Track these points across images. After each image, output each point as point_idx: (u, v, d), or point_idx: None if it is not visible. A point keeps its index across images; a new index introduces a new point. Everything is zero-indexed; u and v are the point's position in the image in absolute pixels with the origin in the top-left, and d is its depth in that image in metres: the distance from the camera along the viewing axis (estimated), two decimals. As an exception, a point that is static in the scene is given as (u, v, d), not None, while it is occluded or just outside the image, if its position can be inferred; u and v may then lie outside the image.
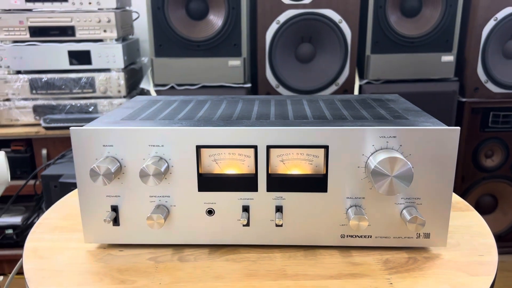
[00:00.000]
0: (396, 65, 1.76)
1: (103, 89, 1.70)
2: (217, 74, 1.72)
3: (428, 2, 1.72)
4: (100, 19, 1.64)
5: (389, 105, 0.76)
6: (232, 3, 1.64)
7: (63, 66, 1.68)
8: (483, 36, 1.72)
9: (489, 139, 1.86)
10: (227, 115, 0.70)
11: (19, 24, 1.64)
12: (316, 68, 1.78)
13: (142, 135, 0.62)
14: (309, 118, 0.67)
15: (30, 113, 1.71)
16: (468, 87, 1.78)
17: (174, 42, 1.66)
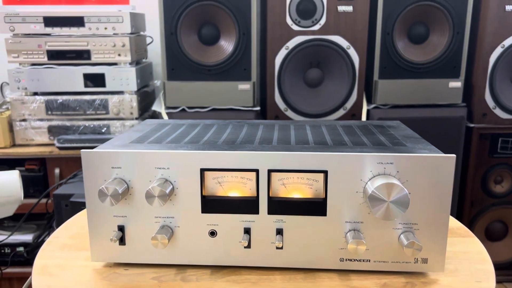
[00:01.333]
0: (404, 90, 1.78)
1: (116, 111, 1.74)
2: (227, 98, 1.76)
3: (436, 29, 1.75)
4: (115, 43, 1.70)
5: (389, 131, 0.78)
6: (242, 29, 1.69)
7: (78, 88, 1.74)
8: (491, 62, 1.74)
9: (498, 165, 1.85)
10: (231, 139, 0.73)
11: (37, 47, 1.71)
12: (324, 93, 1.80)
13: (149, 158, 0.65)
14: (310, 143, 0.70)
15: (45, 133, 1.77)
16: (476, 113, 1.79)
17: (186, 66, 1.71)
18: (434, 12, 1.71)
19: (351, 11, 1.69)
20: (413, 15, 1.73)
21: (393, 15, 1.71)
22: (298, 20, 1.69)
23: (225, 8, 1.66)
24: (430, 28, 1.76)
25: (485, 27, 1.71)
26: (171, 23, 1.66)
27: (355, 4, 1.68)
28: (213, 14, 1.68)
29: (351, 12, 1.69)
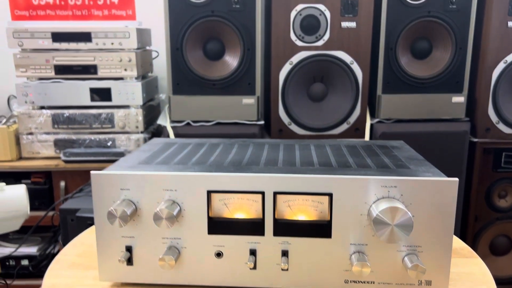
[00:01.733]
0: (407, 105, 1.79)
1: (122, 124, 1.76)
2: (231, 112, 1.78)
3: (438, 44, 1.77)
4: (121, 58, 1.73)
5: (393, 152, 0.79)
6: (247, 45, 1.71)
7: (84, 102, 1.76)
8: (493, 78, 1.75)
9: (502, 179, 1.85)
10: (237, 160, 0.74)
11: (45, 62, 1.73)
12: (328, 107, 1.82)
13: (156, 180, 0.66)
14: (315, 165, 0.71)
15: (51, 147, 1.78)
16: (480, 127, 1.80)
17: (191, 81, 1.73)
18: (437, 28, 1.73)
19: (354, 27, 1.71)
20: (416, 31, 1.75)
21: (396, 31, 1.72)
22: (302, 36, 1.71)
23: (230, 24, 1.68)
24: (433, 43, 1.78)
25: (487, 43, 1.73)
26: (177, 38, 1.68)
27: (359, 20, 1.70)
28: (218, 30, 1.71)
29: (354, 28, 1.71)
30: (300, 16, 1.69)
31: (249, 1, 1.67)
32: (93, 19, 2.00)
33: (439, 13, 1.71)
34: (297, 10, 1.69)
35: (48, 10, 2.00)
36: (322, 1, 1.68)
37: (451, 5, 1.70)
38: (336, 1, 1.68)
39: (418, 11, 1.71)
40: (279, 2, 1.68)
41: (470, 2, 1.70)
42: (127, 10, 2.02)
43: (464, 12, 1.71)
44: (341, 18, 1.70)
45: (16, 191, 1.34)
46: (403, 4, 1.70)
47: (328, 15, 1.69)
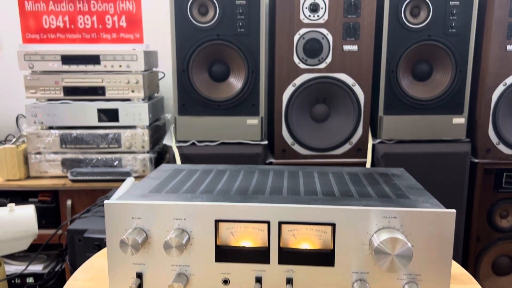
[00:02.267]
0: (409, 126, 1.83)
1: (128, 144, 1.80)
2: (236, 132, 1.81)
3: (439, 67, 1.81)
4: (129, 80, 1.77)
5: (394, 181, 0.82)
6: (251, 67, 1.75)
7: (92, 123, 1.80)
8: (493, 100, 1.78)
9: (504, 199, 1.87)
10: (244, 189, 0.77)
11: (54, 84, 1.78)
12: (330, 128, 1.85)
13: (167, 209, 0.69)
14: (318, 194, 0.74)
15: (58, 166, 1.82)
16: (480, 148, 1.83)
17: (196, 102, 1.77)
18: (437, 51, 1.77)
19: (356, 50, 1.75)
20: (416, 54, 1.79)
21: (397, 54, 1.76)
22: (305, 59, 1.76)
23: (235, 47, 1.73)
24: (434, 66, 1.82)
25: (487, 66, 1.76)
26: (183, 61, 1.73)
27: (360, 43, 1.75)
28: (224, 52, 1.75)
29: (356, 51, 1.75)
30: (303, 39, 1.74)
31: (253, 25, 1.72)
32: (102, 42, 2.05)
33: (439, 37, 1.75)
34: (300, 34, 1.73)
35: (59, 34, 2.06)
36: (324, 25, 1.73)
37: (450, 29, 1.75)
38: (338, 25, 1.73)
39: (418, 34, 1.75)
40: (282, 26, 1.73)
41: (469, 26, 1.75)
42: (135, 34, 2.08)
43: (464, 35, 1.76)
44: (343, 41, 1.74)
45: (25, 211, 1.37)
46: (404, 28, 1.75)
47: (330, 39, 1.74)
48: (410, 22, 1.75)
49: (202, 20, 1.71)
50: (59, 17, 2.05)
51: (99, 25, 2.07)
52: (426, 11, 1.74)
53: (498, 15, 1.72)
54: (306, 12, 1.71)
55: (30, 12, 2.04)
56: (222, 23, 1.71)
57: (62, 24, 2.04)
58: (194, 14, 1.70)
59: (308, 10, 1.71)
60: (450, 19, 1.74)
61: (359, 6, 1.71)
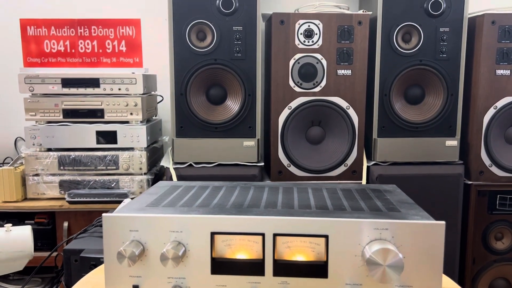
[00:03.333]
0: (402, 148, 1.85)
1: (126, 166, 1.82)
2: (232, 153, 1.83)
3: (431, 91, 1.85)
4: (127, 103, 1.81)
5: (386, 196, 0.84)
6: (248, 91, 1.79)
7: (90, 145, 1.83)
8: (485, 123, 1.82)
9: (498, 221, 1.88)
10: (239, 203, 0.79)
11: (54, 106, 1.81)
12: (325, 149, 1.88)
13: (163, 222, 0.70)
14: (312, 208, 0.75)
15: (56, 188, 1.83)
16: (473, 170, 1.85)
17: (194, 124, 1.80)
18: (429, 75, 1.82)
19: (350, 74, 1.80)
20: (409, 78, 1.83)
21: (390, 78, 1.81)
22: (300, 83, 1.80)
23: (232, 71, 1.77)
24: (426, 90, 1.86)
25: (477, 90, 1.81)
26: (181, 84, 1.77)
27: (354, 68, 1.80)
28: (221, 76, 1.79)
29: (350, 75, 1.80)
30: (298, 64, 1.79)
31: (250, 50, 1.77)
32: (101, 66, 2.10)
33: (430, 62, 1.80)
34: (295, 58, 1.78)
35: (59, 57, 2.11)
36: (319, 51, 1.78)
37: (441, 54, 1.80)
38: (332, 51, 1.78)
39: (410, 59, 1.81)
40: (278, 52, 1.78)
41: (459, 52, 1.80)
42: (135, 58, 2.13)
43: (454, 60, 1.81)
44: (337, 66, 1.79)
45: (21, 232, 1.37)
46: (396, 53, 1.80)
47: (324, 63, 1.79)
48: (402, 47, 1.80)
49: (200, 45, 1.76)
50: (60, 42, 2.10)
51: (99, 50, 2.12)
52: (417, 37, 1.80)
53: (487, 40, 1.78)
54: (301, 37, 1.77)
55: (31, 36, 2.10)
56: (220, 48, 1.76)
57: (63, 48, 2.10)
58: (192, 39, 1.76)
59: (303, 36, 1.77)
60: (441, 44, 1.80)
61: (352, 32, 1.77)
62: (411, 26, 1.79)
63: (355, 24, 1.77)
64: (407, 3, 1.78)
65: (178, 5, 1.73)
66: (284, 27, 1.76)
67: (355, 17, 1.77)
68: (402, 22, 1.79)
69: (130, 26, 2.12)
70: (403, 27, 1.79)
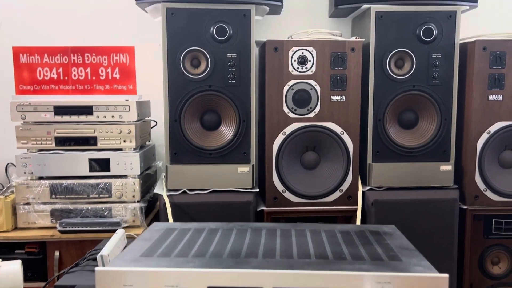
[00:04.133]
0: (397, 173, 1.85)
1: (119, 194, 1.79)
2: (227, 180, 1.82)
3: (424, 116, 1.86)
4: (121, 130, 1.79)
5: (386, 240, 0.83)
6: (243, 117, 1.78)
7: (83, 173, 1.80)
8: (478, 147, 1.82)
9: (494, 245, 1.88)
10: (236, 251, 0.77)
11: (46, 134, 1.79)
12: (320, 175, 1.87)
13: (158, 276, 0.68)
14: (311, 257, 0.74)
15: (47, 217, 1.80)
16: (468, 195, 1.85)
17: (188, 151, 1.79)
18: (422, 100, 1.83)
19: (343, 100, 1.80)
20: (402, 103, 1.84)
21: (383, 103, 1.82)
22: (294, 109, 1.80)
23: (226, 97, 1.76)
24: (419, 114, 1.87)
25: (470, 115, 1.82)
26: (175, 111, 1.76)
27: (347, 93, 1.80)
28: (215, 102, 1.79)
29: (343, 101, 1.80)
30: (292, 90, 1.78)
31: (244, 77, 1.77)
32: (95, 93, 2.08)
33: (423, 87, 1.81)
34: (289, 85, 1.78)
35: (52, 85, 2.09)
36: (312, 77, 1.78)
37: (434, 80, 1.81)
38: (326, 77, 1.78)
39: (403, 85, 1.81)
40: (272, 78, 1.78)
41: (452, 77, 1.82)
42: (128, 85, 2.12)
43: (447, 86, 1.82)
44: (331, 92, 1.79)
45: (12, 267, 1.33)
46: (389, 78, 1.81)
47: (318, 90, 1.79)
48: (395, 73, 1.81)
49: (194, 72, 1.76)
50: (53, 69, 2.09)
51: (92, 77, 2.11)
52: (410, 62, 1.81)
53: (479, 66, 1.80)
54: (294, 64, 1.77)
55: (24, 64, 2.08)
56: (214, 75, 1.75)
57: (55, 75, 2.08)
58: (186, 66, 1.75)
59: (296, 63, 1.77)
60: (433, 70, 1.81)
61: (346, 59, 1.78)
62: (404, 52, 1.80)
63: (348, 50, 1.78)
64: (399, 29, 1.79)
65: (172, 32, 1.72)
66: (278, 54, 1.77)
67: (348, 44, 1.78)
68: (395, 48, 1.80)
69: (124, 53, 2.11)
70: (396, 53, 1.80)
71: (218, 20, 1.73)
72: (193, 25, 1.73)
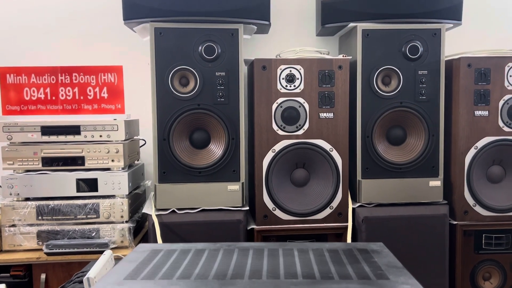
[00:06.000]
0: (387, 189, 1.85)
1: (107, 215, 1.77)
2: (216, 198, 1.81)
3: (412, 132, 1.87)
4: (109, 150, 1.78)
5: (373, 258, 0.82)
6: (232, 135, 1.78)
7: (70, 193, 1.78)
8: (466, 163, 1.84)
9: (485, 261, 1.88)
10: (222, 272, 0.76)
11: (33, 155, 1.77)
12: (310, 192, 1.86)
13: (143, 300, 0.67)
14: (298, 277, 0.73)
15: (33, 238, 1.76)
16: (458, 210, 1.86)
17: (177, 169, 1.78)
18: (410, 117, 1.84)
19: (332, 117, 1.81)
20: (390, 120, 1.85)
21: (371, 120, 1.83)
22: (283, 126, 1.80)
23: (215, 116, 1.77)
24: (407, 131, 1.88)
25: (457, 131, 1.84)
26: (164, 130, 1.75)
27: (336, 111, 1.81)
28: (204, 121, 1.79)
29: (332, 118, 1.81)
30: (281, 108, 1.79)
31: (233, 95, 1.77)
32: (82, 112, 2.07)
33: (410, 104, 1.83)
34: (278, 102, 1.79)
35: (39, 105, 2.08)
36: (301, 95, 1.79)
37: (421, 96, 1.84)
38: (314, 94, 1.80)
39: (390, 102, 1.83)
40: (261, 96, 1.79)
41: (438, 93, 1.84)
42: (117, 104, 2.12)
43: (434, 102, 1.84)
44: (319, 109, 1.80)
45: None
46: (376, 95, 1.82)
47: (307, 107, 1.80)
48: (382, 90, 1.83)
49: (183, 90, 1.76)
50: (41, 89, 2.08)
51: (80, 97, 2.10)
52: (396, 80, 1.83)
53: (464, 83, 1.82)
54: (283, 82, 1.78)
55: (11, 84, 2.07)
56: (203, 93, 1.76)
57: (43, 95, 2.07)
58: (175, 85, 1.75)
59: (285, 81, 1.78)
60: (420, 87, 1.83)
61: (333, 76, 1.79)
62: (390, 70, 1.83)
63: (336, 68, 1.80)
64: (386, 47, 1.82)
65: (160, 51, 1.73)
66: (266, 72, 1.78)
67: (335, 62, 1.80)
68: (382, 66, 1.82)
69: (112, 72, 2.11)
70: (383, 70, 1.83)
71: (206, 39, 1.74)
72: (181, 44, 1.74)
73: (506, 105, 1.83)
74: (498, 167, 1.87)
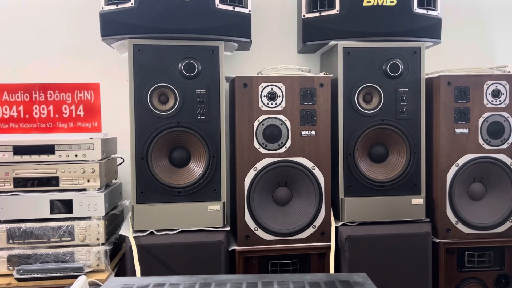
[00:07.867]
0: (370, 208, 1.84)
1: (82, 237, 1.70)
2: (197, 218, 1.76)
3: (394, 149, 1.87)
4: (84, 169, 1.72)
5: (357, 290, 0.79)
6: (212, 153, 1.74)
7: (43, 215, 1.70)
8: (448, 180, 1.84)
9: (468, 279, 1.87)
10: (199, 309, 0.71)
11: (4, 175, 1.69)
12: (293, 211, 1.83)
13: None
14: (278, 313, 0.69)
15: (3, 263, 1.68)
16: (440, 228, 1.85)
17: (155, 189, 1.73)
18: (391, 134, 1.84)
19: (314, 135, 1.79)
20: (372, 137, 1.84)
21: (353, 138, 1.82)
22: (265, 144, 1.77)
23: (196, 134, 1.73)
24: (389, 148, 1.88)
25: (438, 148, 1.84)
26: (142, 148, 1.70)
27: (317, 128, 1.79)
28: (184, 139, 1.74)
29: (314, 136, 1.80)
30: (263, 126, 1.77)
31: (214, 113, 1.74)
32: (57, 131, 2.00)
33: (392, 121, 1.83)
34: (260, 120, 1.76)
35: (12, 124, 2.00)
36: (282, 112, 1.77)
37: (402, 114, 1.83)
38: (295, 112, 1.78)
39: (372, 119, 1.82)
40: (242, 114, 1.76)
41: (419, 111, 1.84)
42: (93, 122, 2.06)
43: (415, 120, 1.84)
44: (301, 127, 1.79)
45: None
46: (358, 113, 1.82)
47: (288, 125, 1.78)
48: (364, 108, 1.82)
49: (162, 108, 1.72)
50: (13, 107, 2.01)
51: (55, 115, 2.03)
52: (378, 97, 1.83)
53: (444, 101, 1.83)
54: (264, 100, 1.76)
55: (-18, 102, 2.00)
56: (183, 111, 1.72)
57: (16, 114, 2.00)
58: (154, 102, 1.71)
59: (266, 98, 1.76)
60: (401, 104, 1.83)
61: (315, 94, 1.78)
62: (372, 87, 1.83)
63: (317, 86, 1.79)
64: (367, 65, 1.82)
65: (139, 68, 1.69)
66: (248, 90, 1.75)
67: (316, 80, 1.79)
68: (363, 84, 1.82)
69: (88, 90, 2.06)
70: (364, 88, 1.82)
71: (186, 56, 1.71)
72: (160, 61, 1.70)
73: (486, 123, 1.84)
74: (479, 184, 1.88)
